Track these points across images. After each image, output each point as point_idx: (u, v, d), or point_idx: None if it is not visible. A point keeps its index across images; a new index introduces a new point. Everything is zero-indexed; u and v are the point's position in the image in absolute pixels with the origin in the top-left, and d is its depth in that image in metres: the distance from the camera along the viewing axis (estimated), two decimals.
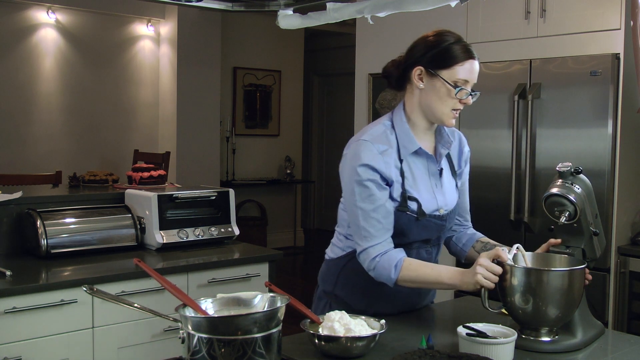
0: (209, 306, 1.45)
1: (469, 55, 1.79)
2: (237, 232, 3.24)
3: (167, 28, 6.80)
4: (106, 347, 2.53)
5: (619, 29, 3.23)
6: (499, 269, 1.65)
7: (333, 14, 2.20)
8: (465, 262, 2.03)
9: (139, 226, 3.03)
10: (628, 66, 3.22)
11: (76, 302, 2.44)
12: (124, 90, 6.69)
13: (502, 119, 3.61)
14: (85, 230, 2.91)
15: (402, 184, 1.82)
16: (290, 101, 8.08)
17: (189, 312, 1.39)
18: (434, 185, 1.90)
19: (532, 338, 1.68)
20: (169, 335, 2.66)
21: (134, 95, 6.76)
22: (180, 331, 1.37)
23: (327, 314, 1.65)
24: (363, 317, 1.66)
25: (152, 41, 6.83)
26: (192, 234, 3.08)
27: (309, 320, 1.64)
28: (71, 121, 6.36)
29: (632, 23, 3.09)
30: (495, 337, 1.55)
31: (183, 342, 1.37)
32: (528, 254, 1.80)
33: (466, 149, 2.04)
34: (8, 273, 2.45)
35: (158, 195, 3.03)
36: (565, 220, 1.76)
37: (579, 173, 1.80)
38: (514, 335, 1.56)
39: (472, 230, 2.09)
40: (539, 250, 1.85)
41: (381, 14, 2.12)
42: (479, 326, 1.59)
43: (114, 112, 6.62)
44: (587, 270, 1.72)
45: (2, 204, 2.86)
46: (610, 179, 3.24)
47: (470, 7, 3.82)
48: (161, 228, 3.01)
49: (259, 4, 2.27)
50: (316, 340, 1.58)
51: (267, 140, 7.92)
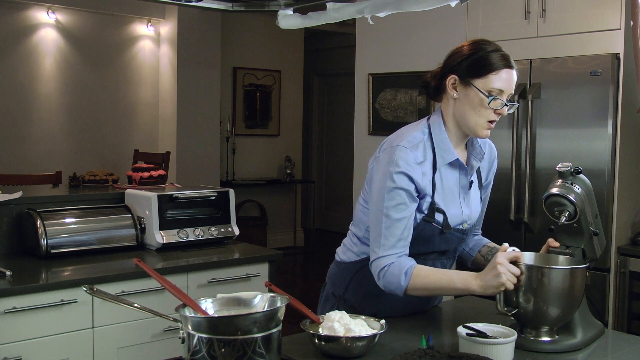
0: (209, 306, 1.45)
1: (505, 64, 1.74)
2: (237, 232, 3.24)
3: (167, 28, 6.80)
4: (106, 347, 2.53)
5: (619, 29, 3.23)
6: (517, 270, 1.63)
7: (333, 14, 2.20)
8: (471, 266, 2.01)
9: (139, 226, 3.03)
10: (628, 66, 3.22)
11: (76, 302, 2.44)
12: (124, 90, 6.68)
13: (502, 119, 3.58)
14: (85, 230, 2.91)
15: (432, 195, 1.78)
16: (290, 101, 8.08)
17: (189, 312, 1.39)
18: (462, 198, 1.86)
19: (532, 338, 1.68)
20: (169, 335, 2.66)
21: (134, 95, 6.76)
22: (180, 331, 1.37)
23: (327, 314, 1.65)
24: (363, 317, 1.66)
25: (152, 41, 6.83)
26: (192, 234, 3.08)
27: (309, 320, 1.64)
28: (71, 121, 6.36)
29: (632, 23, 3.09)
30: (495, 337, 1.55)
31: (183, 342, 1.37)
32: (528, 254, 1.78)
33: (496, 161, 2.00)
34: (8, 273, 2.45)
35: (158, 195, 3.03)
36: (565, 220, 1.76)
37: (579, 173, 1.80)
38: (514, 335, 1.56)
39: (479, 236, 2.08)
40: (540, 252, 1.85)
41: (381, 14, 2.12)
42: (479, 326, 1.59)
43: (114, 112, 6.62)
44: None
45: (2, 204, 2.86)
46: (610, 179, 3.24)
47: (470, 7, 3.82)
48: (161, 228, 3.01)
49: (259, 4, 2.27)
50: (316, 340, 1.58)
51: (267, 140, 7.92)
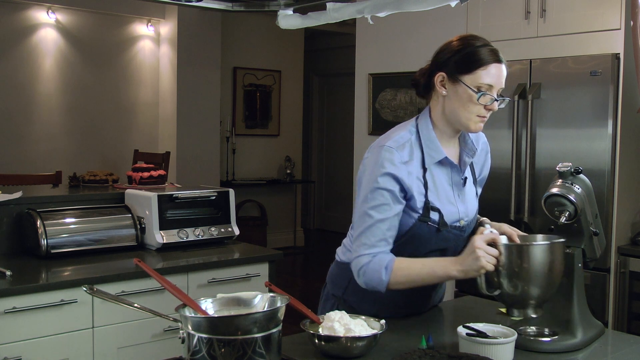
0: (209, 306, 1.45)
1: (493, 58, 1.73)
2: (237, 232, 3.24)
3: (167, 28, 6.80)
4: (106, 347, 2.53)
5: (619, 29, 3.23)
6: (495, 251, 1.63)
7: (333, 14, 2.20)
8: None
9: (139, 226, 3.03)
10: (628, 66, 3.22)
11: (76, 302, 2.44)
12: (124, 90, 6.68)
13: (502, 119, 3.61)
14: (85, 230, 2.91)
15: (425, 194, 1.77)
16: (290, 101, 8.08)
17: (189, 312, 1.39)
18: (457, 195, 1.85)
19: (531, 338, 1.69)
20: (169, 335, 2.66)
21: (134, 95, 6.76)
22: (180, 331, 1.37)
23: (327, 314, 1.65)
24: (363, 317, 1.66)
25: (152, 41, 6.83)
26: (192, 234, 3.08)
27: (309, 320, 1.64)
28: (71, 121, 6.36)
29: (632, 23, 3.09)
30: (495, 337, 1.55)
31: (183, 342, 1.37)
32: (504, 236, 1.75)
33: (489, 155, 2.00)
34: (8, 273, 2.45)
35: (158, 195, 3.03)
36: (565, 220, 1.76)
37: (579, 173, 1.80)
38: (514, 335, 1.57)
39: None
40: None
41: (381, 14, 2.12)
42: (479, 326, 1.59)
43: (114, 112, 6.62)
44: None
45: (2, 204, 2.86)
46: (610, 179, 3.24)
47: (470, 7, 3.82)
48: (161, 228, 3.01)
49: (259, 4, 2.27)
50: (316, 340, 1.58)
51: (267, 140, 7.92)
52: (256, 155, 7.81)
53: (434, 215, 1.78)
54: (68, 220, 2.91)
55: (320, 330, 1.60)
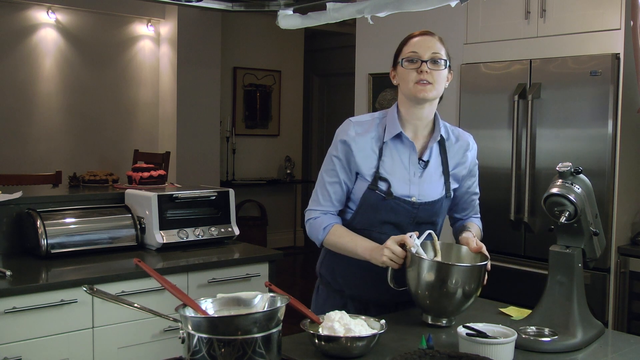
0: (209, 306, 1.45)
1: (412, 34, 1.97)
2: (237, 232, 3.24)
3: (167, 28, 6.80)
4: (106, 347, 2.53)
5: (619, 29, 3.23)
6: (401, 252, 1.80)
7: (333, 14, 2.20)
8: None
9: (139, 226, 3.03)
10: (628, 66, 3.22)
11: (76, 302, 2.44)
12: (124, 90, 6.69)
13: (502, 119, 3.61)
14: (85, 230, 2.91)
15: (378, 165, 1.95)
16: (290, 101, 8.08)
17: (189, 312, 1.39)
18: (412, 173, 1.97)
19: (531, 338, 1.69)
20: (169, 335, 2.66)
21: (134, 95, 6.76)
22: (180, 331, 1.37)
23: (327, 314, 1.65)
24: (363, 317, 1.67)
25: (152, 41, 6.83)
26: (192, 234, 3.08)
27: (309, 320, 1.64)
28: (71, 121, 6.36)
29: (632, 23, 3.09)
30: (495, 337, 1.55)
31: (183, 342, 1.37)
32: (440, 242, 1.92)
33: (470, 154, 2.07)
34: (8, 273, 2.45)
35: (158, 195, 3.03)
36: (565, 220, 1.76)
37: (579, 173, 1.80)
38: (514, 335, 1.57)
39: (466, 220, 2.15)
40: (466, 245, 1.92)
41: (381, 14, 2.12)
42: (479, 326, 1.59)
43: (114, 112, 6.62)
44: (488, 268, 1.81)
45: (2, 204, 2.86)
46: (610, 179, 3.24)
47: (470, 7, 3.82)
48: (161, 228, 3.01)
49: (259, 4, 2.27)
50: (316, 340, 1.58)
51: (267, 140, 7.92)
52: (256, 155, 7.81)
53: (382, 185, 1.95)
54: (68, 220, 2.91)
55: (320, 330, 1.60)
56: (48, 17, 6.12)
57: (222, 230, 3.19)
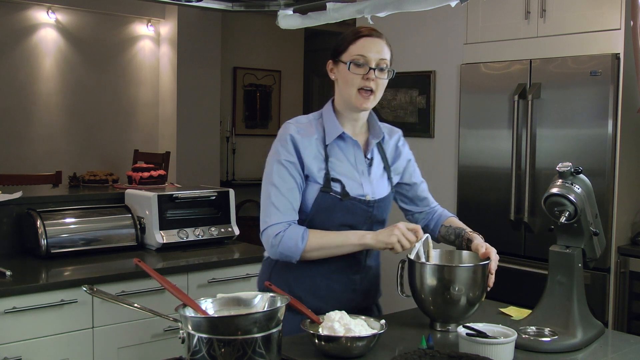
0: (209, 306, 1.45)
1: (361, 32, 1.87)
2: (237, 232, 3.24)
3: (167, 28, 6.80)
4: (106, 347, 2.53)
5: (619, 29, 3.23)
6: (413, 237, 1.76)
7: (333, 14, 2.20)
8: (439, 242, 2.08)
9: (139, 226, 3.03)
10: (628, 66, 3.22)
11: (76, 302, 2.44)
12: (124, 90, 6.68)
13: (502, 119, 3.61)
14: (85, 230, 2.91)
15: (326, 166, 1.88)
16: (290, 101, 8.08)
17: (189, 312, 1.39)
18: (361, 172, 1.94)
19: (531, 338, 1.69)
20: (169, 335, 2.66)
21: (134, 95, 6.76)
22: (180, 331, 1.37)
23: (327, 314, 1.65)
24: (363, 317, 1.67)
25: (152, 41, 6.83)
26: (192, 234, 3.08)
27: (309, 320, 1.64)
28: (71, 121, 6.36)
29: (632, 23, 3.09)
30: (495, 337, 1.55)
31: (183, 342, 1.37)
32: (439, 250, 1.90)
33: (404, 147, 2.08)
34: (8, 273, 2.45)
35: (158, 195, 3.03)
36: (565, 220, 1.76)
37: (579, 173, 1.80)
38: (514, 335, 1.57)
39: (439, 211, 2.13)
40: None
41: (381, 14, 2.12)
42: (479, 326, 1.59)
43: (114, 112, 6.62)
44: (491, 272, 1.78)
45: (2, 204, 2.86)
46: (610, 179, 3.24)
47: (470, 7, 3.82)
48: (161, 228, 3.01)
49: (259, 4, 2.27)
50: (316, 340, 1.58)
51: (267, 140, 7.88)
52: (256, 155, 7.80)
53: (335, 186, 1.88)
54: (68, 220, 2.91)
55: (320, 330, 1.60)
56: (48, 17, 6.12)
57: (222, 230, 3.19)
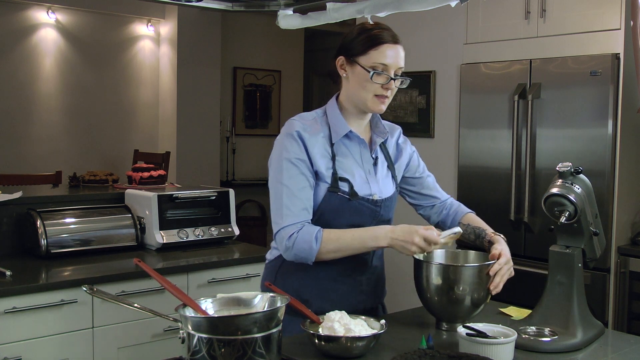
0: (209, 306, 1.45)
1: (386, 39, 1.81)
2: (237, 232, 3.24)
3: (167, 28, 6.80)
4: (106, 347, 2.53)
5: (619, 29, 3.23)
6: (429, 248, 1.72)
7: (333, 14, 2.21)
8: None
9: (139, 226, 3.03)
10: (628, 66, 3.22)
11: (76, 302, 2.44)
12: (124, 90, 6.68)
13: (502, 119, 3.61)
14: (85, 230, 2.91)
15: (334, 165, 1.84)
16: (290, 101, 8.08)
17: (189, 312, 1.39)
18: (367, 171, 1.91)
19: (531, 338, 1.69)
20: (169, 335, 2.66)
21: (134, 95, 6.76)
22: (180, 331, 1.37)
23: (327, 314, 1.65)
24: (363, 317, 1.67)
25: (152, 41, 6.83)
26: (192, 234, 3.08)
27: (309, 320, 1.64)
28: (71, 121, 6.36)
29: (632, 23, 3.09)
30: (495, 337, 1.55)
31: (183, 342, 1.37)
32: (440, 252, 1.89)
33: (406, 144, 2.06)
34: (8, 273, 2.45)
35: (158, 195, 3.03)
36: (565, 220, 1.76)
37: (579, 173, 1.80)
38: (514, 335, 1.57)
39: (454, 207, 2.09)
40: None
41: (381, 14, 2.13)
42: (479, 326, 1.59)
43: (114, 112, 6.62)
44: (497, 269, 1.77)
45: (2, 204, 2.86)
46: (610, 179, 3.24)
47: (470, 7, 3.82)
48: (161, 228, 3.01)
49: (259, 4, 2.27)
50: (316, 340, 1.58)
51: (267, 140, 7.91)
52: (256, 155, 7.81)
53: (344, 186, 1.84)
54: (68, 220, 2.91)
55: (320, 330, 1.60)
56: (48, 17, 6.12)
57: (222, 230, 3.19)
